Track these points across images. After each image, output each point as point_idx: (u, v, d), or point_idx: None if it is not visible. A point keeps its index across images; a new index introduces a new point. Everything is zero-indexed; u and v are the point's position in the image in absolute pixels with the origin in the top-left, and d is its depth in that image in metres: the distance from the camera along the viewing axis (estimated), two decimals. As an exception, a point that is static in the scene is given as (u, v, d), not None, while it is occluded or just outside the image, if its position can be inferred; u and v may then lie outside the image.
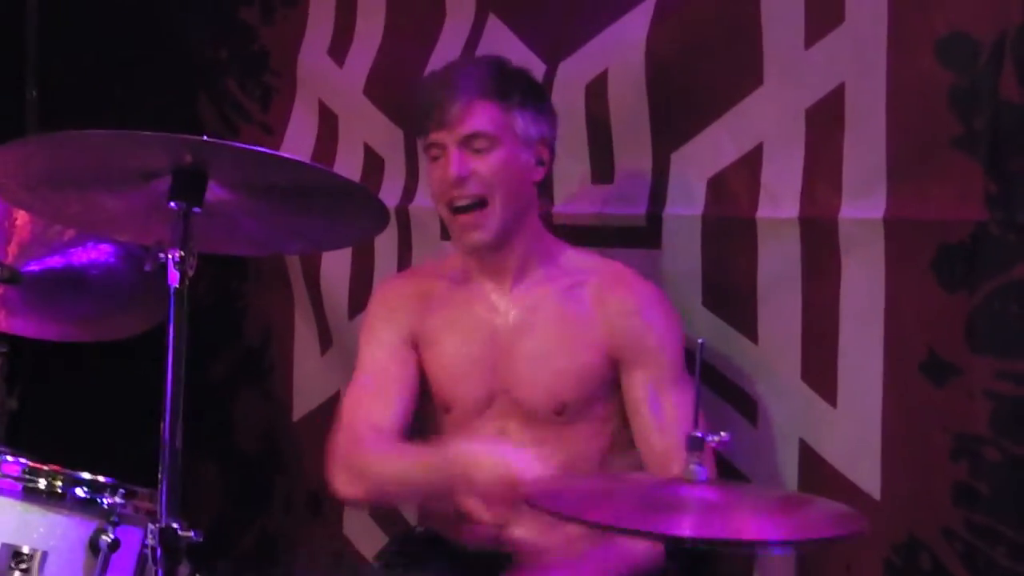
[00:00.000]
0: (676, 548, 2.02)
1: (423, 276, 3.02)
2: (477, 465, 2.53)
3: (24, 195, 2.18)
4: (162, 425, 2.00)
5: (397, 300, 2.96)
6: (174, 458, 2.00)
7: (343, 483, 2.82)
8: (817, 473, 2.87)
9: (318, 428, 3.70)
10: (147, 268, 2.00)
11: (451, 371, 2.87)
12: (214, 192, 2.05)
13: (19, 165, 2.07)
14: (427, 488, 2.70)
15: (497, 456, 2.53)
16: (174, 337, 1.99)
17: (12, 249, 3.30)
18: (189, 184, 2.02)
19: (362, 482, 2.79)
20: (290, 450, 3.83)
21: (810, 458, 2.89)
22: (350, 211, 2.19)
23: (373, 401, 2.85)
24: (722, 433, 2.09)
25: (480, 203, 2.75)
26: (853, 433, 2.83)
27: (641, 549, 2.62)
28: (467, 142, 2.74)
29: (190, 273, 2.02)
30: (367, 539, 3.59)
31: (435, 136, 2.77)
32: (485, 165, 2.74)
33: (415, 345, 2.90)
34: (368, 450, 2.77)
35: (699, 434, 2.07)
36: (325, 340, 3.70)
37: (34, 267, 3.29)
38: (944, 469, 2.71)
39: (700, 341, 2.16)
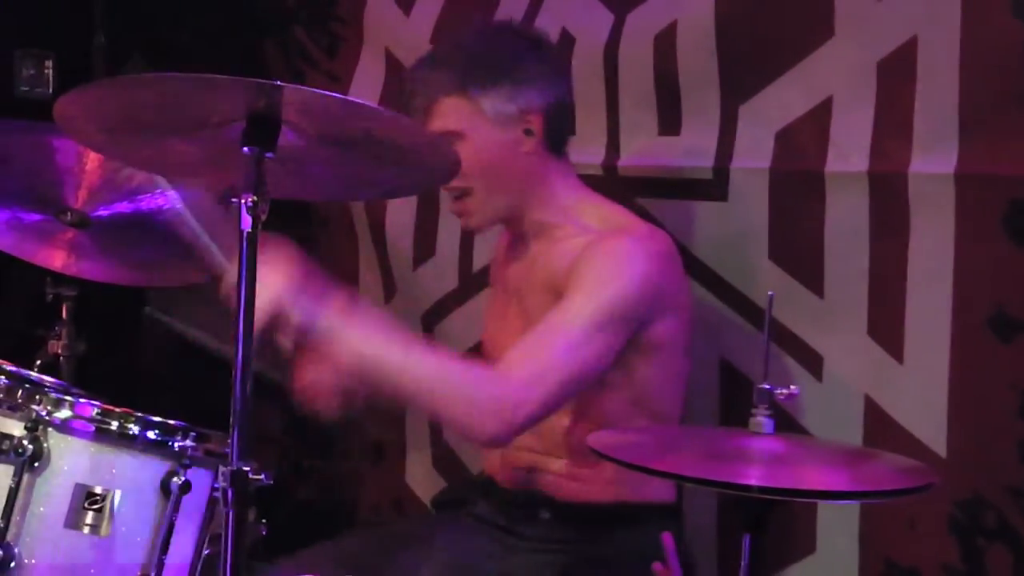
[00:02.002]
0: (742, 498, 2.01)
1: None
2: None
3: (99, 137, 2.19)
4: (233, 370, 2.01)
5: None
6: (244, 402, 2.01)
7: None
8: (882, 429, 2.86)
9: (382, 378, 3.75)
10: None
11: (489, 322, 3.02)
12: (286, 138, 2.05)
13: (94, 107, 2.08)
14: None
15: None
16: (246, 282, 2.00)
17: (82, 194, 3.32)
18: (263, 129, 2.02)
19: None
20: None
21: (875, 414, 2.88)
22: (420, 158, 2.19)
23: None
24: (792, 386, 2.09)
25: (464, 192, 2.77)
26: (919, 390, 2.81)
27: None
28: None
29: (262, 218, 2.03)
30: (427, 487, 3.62)
31: None
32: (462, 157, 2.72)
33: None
34: None
35: (767, 386, 2.07)
36: (389, 288, 3.72)
37: (103, 212, 3.31)
38: (1011, 426, 2.70)
39: (770, 294, 2.16)
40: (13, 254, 3.30)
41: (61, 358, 3.44)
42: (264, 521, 2.87)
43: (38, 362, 3.44)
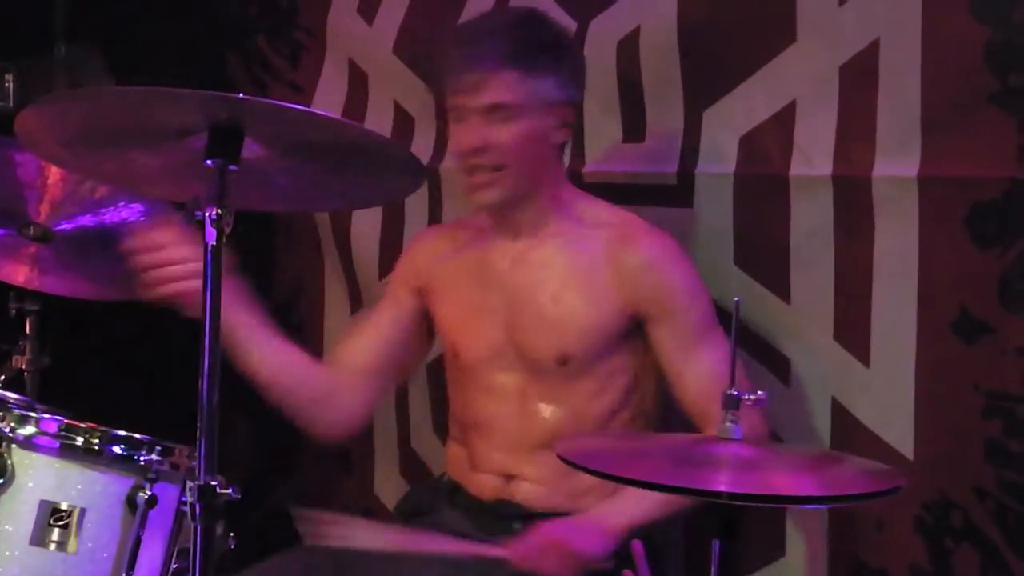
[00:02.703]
0: (711, 504, 2.01)
1: (449, 228, 3.10)
2: None
3: (59, 151, 2.18)
4: (200, 382, 2.00)
5: (415, 251, 3.04)
6: (211, 415, 2.00)
7: None
8: (850, 433, 2.87)
9: (349, 386, 3.74)
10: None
11: (458, 319, 2.92)
12: (249, 149, 2.05)
13: (54, 121, 2.07)
14: None
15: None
16: (211, 294, 1.99)
17: (44, 208, 3.32)
18: (225, 141, 2.02)
19: None
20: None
21: (843, 418, 2.89)
22: (385, 168, 2.19)
23: (350, 338, 3.02)
24: (759, 392, 2.09)
25: (497, 167, 2.74)
26: (886, 392, 2.82)
27: (652, 502, 2.64)
28: (486, 111, 2.71)
29: (227, 230, 2.02)
30: (395, 495, 3.58)
31: (454, 100, 2.75)
32: (504, 135, 2.71)
33: (423, 293, 2.94)
34: None
35: (735, 392, 2.07)
36: (355, 299, 3.71)
37: (66, 226, 3.30)
38: (976, 427, 2.71)
39: (736, 300, 2.16)
40: (-26, 269, 3.28)
41: (25, 373, 3.42)
42: (232, 534, 2.85)
43: (1, 377, 3.43)
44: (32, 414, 2.48)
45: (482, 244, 2.90)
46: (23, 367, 3.42)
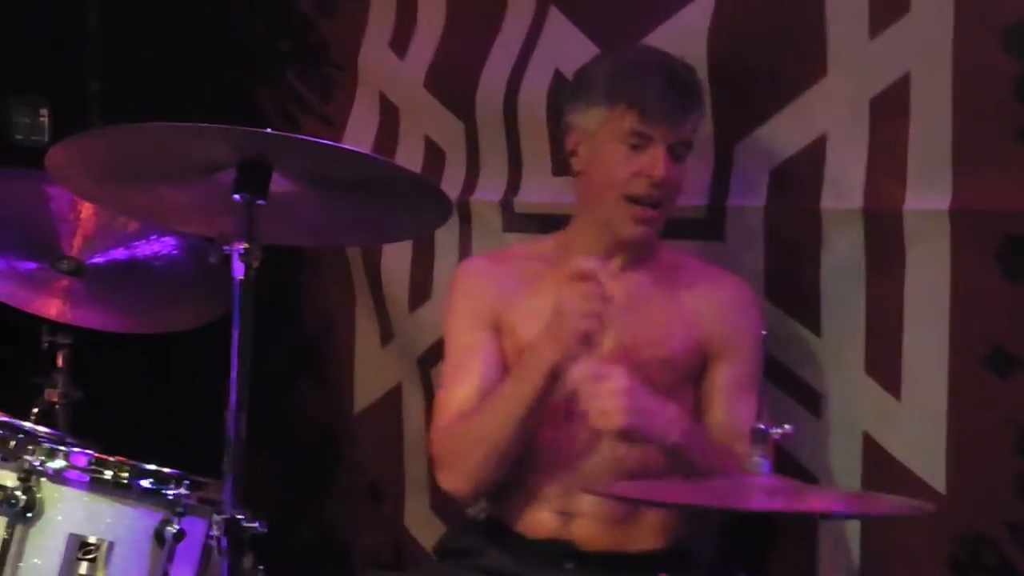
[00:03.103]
0: (741, 523, 2.01)
1: (511, 257, 3.02)
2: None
3: (90, 187, 2.19)
4: (227, 417, 2.00)
5: (477, 282, 2.93)
6: (238, 450, 2.01)
7: (448, 479, 2.83)
8: (881, 467, 2.86)
9: (379, 420, 3.74)
10: (212, 260, 2.00)
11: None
12: (278, 184, 2.05)
13: (85, 157, 2.08)
14: (523, 408, 2.68)
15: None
16: (239, 329, 2.00)
17: (77, 242, 3.33)
18: (254, 176, 2.02)
19: (471, 465, 2.77)
20: (350, 442, 3.83)
21: (874, 452, 2.88)
22: (412, 203, 2.19)
23: (458, 388, 2.83)
24: (786, 426, 2.08)
25: (662, 205, 2.76)
26: (918, 426, 2.81)
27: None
28: (675, 147, 2.74)
29: (255, 265, 2.02)
30: (426, 530, 3.59)
31: (647, 128, 2.73)
32: (680, 173, 2.77)
33: (498, 328, 2.86)
34: (462, 424, 2.77)
35: (763, 426, 2.07)
36: (386, 332, 3.70)
37: (99, 259, 3.32)
38: (1008, 462, 2.70)
39: (763, 333, 2.15)
40: (8, 303, 3.29)
41: (57, 406, 3.43)
42: (262, 567, 2.84)
43: (35, 411, 3.44)
44: (62, 448, 2.48)
45: (562, 275, 2.77)
46: (55, 400, 3.42)
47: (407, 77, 3.60)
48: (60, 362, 3.45)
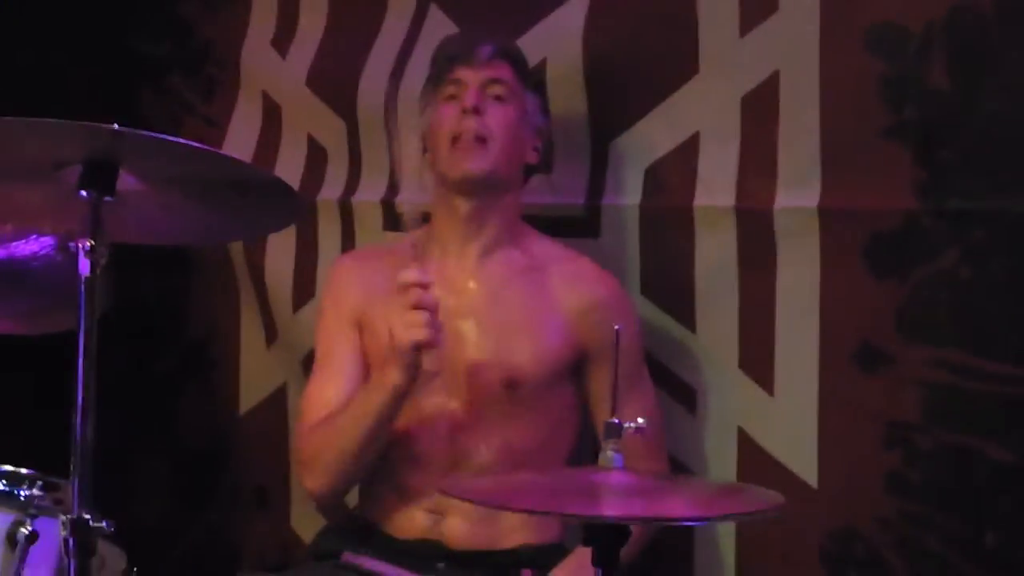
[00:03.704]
0: (595, 529, 2.01)
1: (375, 256, 3.03)
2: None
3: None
4: (74, 416, 1.98)
5: (342, 284, 2.95)
6: (84, 449, 1.99)
7: (310, 479, 2.85)
8: (756, 461, 2.88)
9: (265, 421, 3.73)
10: (58, 258, 1.98)
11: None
12: (126, 182, 2.03)
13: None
14: (372, 420, 2.70)
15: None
16: (84, 327, 1.98)
17: (-49, 243, 3.28)
18: (100, 173, 2.00)
19: (325, 470, 2.81)
20: (237, 444, 3.82)
21: (749, 447, 2.90)
22: (264, 201, 2.18)
23: (326, 393, 2.84)
24: (639, 420, 2.09)
25: (483, 137, 2.78)
26: (790, 422, 2.84)
27: None
28: (488, 86, 2.81)
29: (101, 263, 2.00)
30: (313, 532, 3.53)
31: (458, 74, 2.82)
32: (497, 113, 2.79)
33: (360, 326, 2.87)
34: (322, 430, 2.79)
35: (615, 421, 2.07)
36: (271, 333, 3.69)
37: (-26, 263, 3.27)
38: (878, 458, 2.72)
39: (616, 328, 2.16)
40: None
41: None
42: (135, 569, 2.82)
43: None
44: (-89, 451, 2.45)
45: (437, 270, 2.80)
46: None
47: (289, 76, 3.59)
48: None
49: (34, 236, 3.26)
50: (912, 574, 2.70)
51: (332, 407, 2.79)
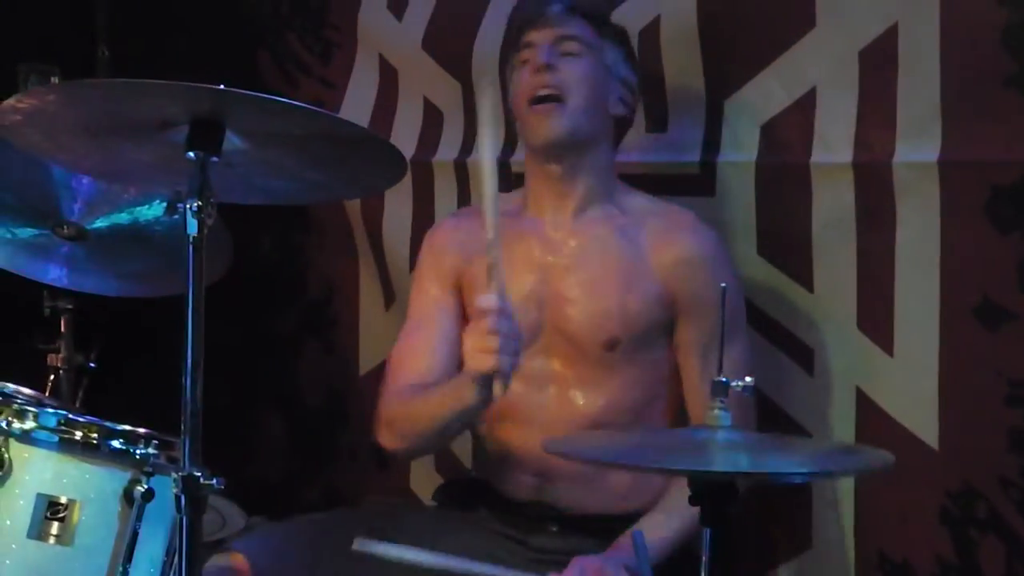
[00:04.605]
0: (702, 484, 1.99)
1: (472, 217, 2.98)
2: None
3: (44, 143, 2.19)
4: (183, 377, 2.01)
5: (442, 246, 2.95)
6: (195, 408, 2.01)
7: (387, 439, 2.87)
8: (874, 422, 2.83)
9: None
10: (166, 217, 2.00)
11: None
12: (232, 142, 2.05)
13: (38, 113, 2.08)
14: (446, 419, 2.70)
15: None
16: (193, 287, 1.99)
17: (78, 207, 3.34)
18: (206, 133, 2.02)
19: (403, 437, 2.84)
20: (356, 404, 3.84)
21: (867, 407, 2.85)
22: (366, 160, 2.18)
23: (417, 357, 2.85)
24: (747, 378, 2.06)
25: (557, 98, 2.74)
26: (910, 381, 2.79)
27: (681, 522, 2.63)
28: (559, 43, 2.78)
29: (208, 223, 2.02)
30: (431, 491, 3.58)
31: (530, 36, 2.81)
32: (571, 67, 2.76)
33: (460, 288, 2.88)
34: (406, 404, 2.80)
35: (723, 379, 2.05)
36: (389, 294, 3.71)
37: (100, 225, 3.32)
38: (1000, 415, 2.66)
39: (723, 286, 2.13)
40: (9, 269, 3.30)
41: (61, 371, 3.45)
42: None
43: (51, 378, 3.46)
44: (32, 409, 2.48)
45: (520, 227, 2.84)
46: (58, 365, 3.44)
47: (405, 38, 3.59)
48: (63, 327, 3.47)
49: (157, 200, 3.31)
50: (1035, 535, 2.65)
51: (422, 373, 2.81)
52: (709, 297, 2.68)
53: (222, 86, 1.97)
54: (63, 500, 2.44)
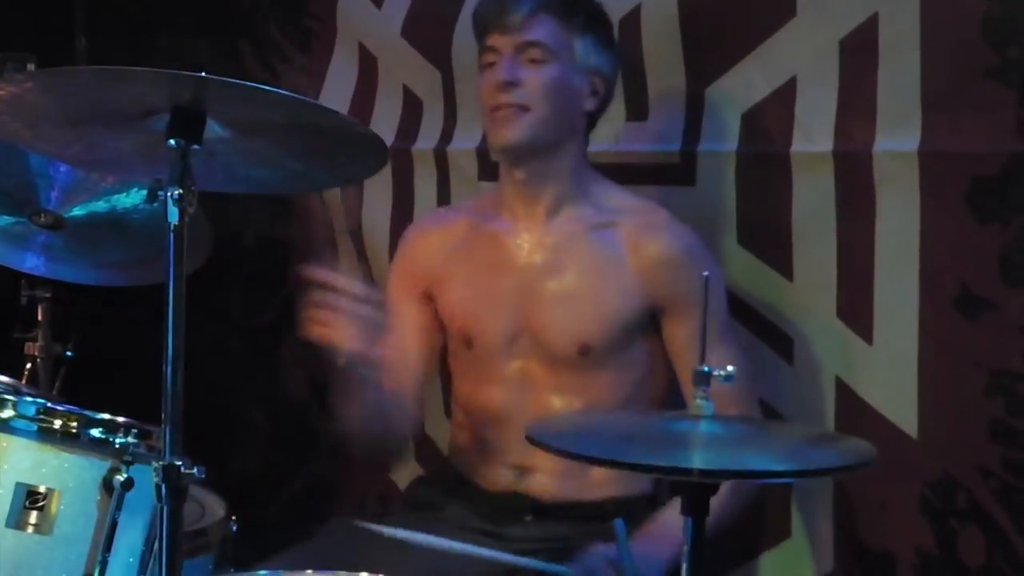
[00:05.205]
0: (682, 481, 1.98)
1: (448, 219, 3.02)
2: None
3: (23, 132, 2.17)
4: (163, 365, 2.00)
5: (412, 255, 2.97)
6: (175, 397, 2.00)
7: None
8: (854, 411, 2.83)
9: (364, 372, 3.73)
10: (146, 205, 1.99)
11: (471, 306, 2.85)
12: (213, 130, 2.04)
13: (16, 101, 2.06)
14: None
15: None
16: (174, 275, 1.98)
17: (55, 195, 3.32)
18: (187, 121, 2.01)
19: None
20: (337, 395, 3.82)
21: (847, 396, 2.85)
22: (347, 148, 2.17)
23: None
24: (728, 367, 2.06)
25: (523, 108, 2.71)
26: (890, 371, 2.78)
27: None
28: (523, 49, 2.71)
29: (189, 211, 2.01)
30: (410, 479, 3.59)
31: (492, 40, 2.75)
32: (536, 76, 2.71)
33: (432, 294, 2.89)
34: None
35: (705, 368, 2.04)
36: (369, 284, 3.70)
37: (77, 212, 3.31)
38: (980, 405, 2.66)
39: (705, 274, 2.13)
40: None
41: (38, 360, 3.44)
42: (234, 518, 2.85)
43: (28, 367, 3.45)
44: (10, 397, 2.47)
45: (495, 228, 2.85)
46: (36, 354, 3.43)
47: (385, 26, 3.59)
48: (40, 316, 3.46)
49: (135, 189, 3.30)
50: (1015, 523, 2.64)
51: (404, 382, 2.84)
52: (693, 295, 2.66)
53: (203, 73, 1.96)
54: (42, 489, 2.43)
